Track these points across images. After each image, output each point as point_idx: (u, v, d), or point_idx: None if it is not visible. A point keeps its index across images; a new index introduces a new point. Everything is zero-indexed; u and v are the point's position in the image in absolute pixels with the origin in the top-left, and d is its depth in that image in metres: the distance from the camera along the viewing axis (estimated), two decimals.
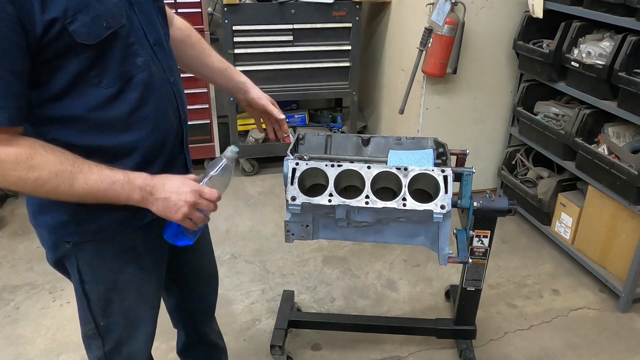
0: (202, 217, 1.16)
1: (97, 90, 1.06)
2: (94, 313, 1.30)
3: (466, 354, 2.10)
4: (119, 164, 1.11)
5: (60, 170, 1.00)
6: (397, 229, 1.68)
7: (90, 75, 1.04)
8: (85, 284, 1.24)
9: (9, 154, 0.97)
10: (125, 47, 1.07)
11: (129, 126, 1.12)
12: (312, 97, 3.65)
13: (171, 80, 1.21)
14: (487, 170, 3.30)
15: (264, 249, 2.89)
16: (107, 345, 1.34)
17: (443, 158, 1.76)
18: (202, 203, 1.14)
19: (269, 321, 2.37)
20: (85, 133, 1.08)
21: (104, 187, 1.04)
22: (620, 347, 2.28)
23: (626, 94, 2.27)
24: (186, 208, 1.11)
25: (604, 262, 2.60)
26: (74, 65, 1.01)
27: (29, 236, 2.98)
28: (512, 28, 2.92)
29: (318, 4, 3.26)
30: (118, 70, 1.07)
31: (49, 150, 1.01)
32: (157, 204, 1.11)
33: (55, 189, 1.01)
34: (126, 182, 1.07)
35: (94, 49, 1.02)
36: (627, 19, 2.27)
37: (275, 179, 3.55)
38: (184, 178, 1.14)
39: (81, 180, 1.02)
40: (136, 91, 1.11)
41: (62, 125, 1.06)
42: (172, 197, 1.10)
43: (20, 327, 2.34)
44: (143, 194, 1.09)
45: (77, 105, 1.05)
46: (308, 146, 1.83)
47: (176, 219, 1.13)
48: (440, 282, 2.65)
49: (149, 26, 1.15)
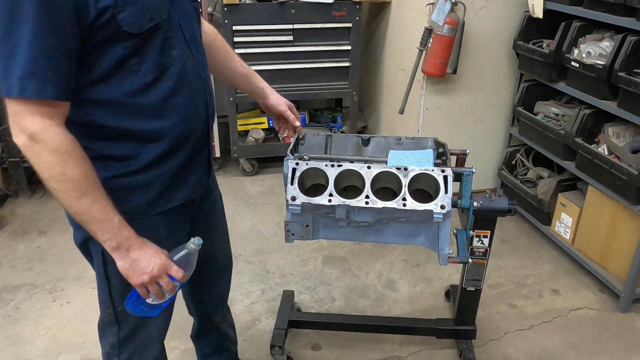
0: (157, 291, 1.20)
1: (135, 77, 1.14)
2: (113, 298, 1.34)
3: (466, 354, 2.10)
4: (148, 148, 1.20)
5: (82, 179, 1.08)
6: (397, 229, 1.68)
7: (131, 63, 1.12)
8: (108, 266, 1.28)
9: (54, 138, 1.05)
10: (163, 39, 1.16)
11: (160, 114, 1.20)
12: (312, 97, 3.65)
13: (202, 76, 1.28)
14: (487, 170, 3.30)
15: (264, 249, 2.89)
16: (122, 331, 1.39)
17: (443, 158, 1.76)
18: (164, 280, 1.19)
19: (269, 321, 2.37)
20: (121, 117, 1.16)
21: (98, 219, 1.11)
22: (620, 347, 2.28)
23: (626, 94, 2.27)
24: (147, 277, 1.17)
25: (604, 262, 2.60)
26: (118, 52, 1.10)
27: (29, 236, 2.98)
28: (512, 28, 2.92)
29: (318, 4, 3.26)
30: (156, 60, 1.15)
31: (84, 158, 1.09)
32: (126, 259, 1.16)
33: (66, 190, 1.08)
34: (117, 227, 1.13)
35: (136, 38, 1.10)
36: (627, 19, 2.27)
37: (275, 179, 3.56)
38: (159, 251, 1.20)
39: (89, 200, 1.09)
40: (170, 81, 1.19)
41: (99, 108, 1.14)
42: (142, 262, 1.16)
43: (20, 327, 2.34)
44: (121, 245, 1.15)
45: (116, 89, 1.13)
46: (308, 146, 1.83)
47: (134, 282, 1.18)
48: (440, 282, 2.65)
49: (185, 23, 1.23)
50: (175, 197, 1.29)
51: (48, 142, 1.04)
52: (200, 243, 1.23)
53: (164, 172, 1.25)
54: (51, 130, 1.05)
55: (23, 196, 3.36)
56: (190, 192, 1.35)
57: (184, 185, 1.32)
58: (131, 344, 1.41)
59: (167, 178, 1.27)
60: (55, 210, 3.24)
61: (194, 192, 1.36)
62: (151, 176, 1.24)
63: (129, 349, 1.42)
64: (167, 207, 1.30)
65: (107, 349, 1.43)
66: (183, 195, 1.32)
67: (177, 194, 1.31)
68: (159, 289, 1.21)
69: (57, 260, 2.77)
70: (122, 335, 1.39)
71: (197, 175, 1.35)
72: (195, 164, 1.33)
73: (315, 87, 3.52)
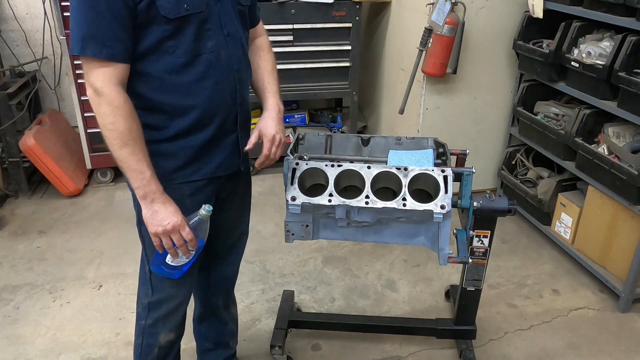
0: (169, 246, 1.39)
1: (170, 57, 1.34)
2: (148, 257, 1.54)
3: (466, 354, 2.10)
4: (175, 122, 1.39)
5: (125, 132, 1.28)
6: (397, 229, 1.68)
7: (168, 45, 1.32)
8: (142, 225, 1.45)
9: (110, 94, 1.27)
10: (200, 29, 1.34)
11: (189, 93, 1.38)
12: (312, 97, 3.65)
13: (235, 68, 1.44)
14: (487, 170, 3.30)
15: (264, 249, 2.89)
16: (154, 296, 1.60)
17: (443, 158, 1.76)
18: (175, 236, 1.37)
19: (269, 321, 2.37)
20: (156, 89, 1.36)
21: (133, 168, 1.32)
22: (620, 347, 2.28)
23: (626, 94, 2.27)
24: (161, 229, 1.36)
25: (604, 262, 2.60)
26: (157, 33, 1.30)
27: (29, 236, 2.98)
28: (512, 28, 2.92)
29: (318, 4, 3.26)
30: (190, 46, 1.34)
31: (132, 117, 1.30)
32: (148, 209, 1.36)
33: (112, 138, 1.29)
34: (147, 179, 1.33)
35: (172, 23, 1.30)
36: (627, 19, 2.27)
37: (275, 179, 3.56)
38: (178, 212, 1.38)
39: (128, 150, 1.30)
40: (201, 66, 1.37)
41: (140, 79, 1.35)
42: (160, 215, 1.35)
43: (20, 327, 2.34)
44: (147, 195, 1.34)
45: (155, 66, 1.34)
46: (308, 146, 1.83)
47: (150, 230, 1.38)
48: (440, 282, 2.65)
49: (226, 20, 1.41)
50: (200, 172, 1.47)
51: (106, 96, 1.26)
52: (211, 210, 1.39)
53: (187, 146, 1.42)
54: (109, 87, 1.26)
55: (23, 196, 3.36)
56: (215, 170, 1.50)
57: (209, 162, 1.48)
58: (157, 311, 1.61)
59: (191, 151, 1.43)
60: (55, 210, 3.24)
61: (218, 170, 1.51)
62: (177, 146, 1.42)
63: (154, 314, 1.62)
64: (192, 178, 1.46)
65: (139, 310, 1.66)
66: (208, 172, 1.48)
67: (202, 169, 1.47)
68: (171, 244, 1.38)
69: (57, 260, 2.77)
70: (152, 300, 1.60)
71: (222, 155, 1.50)
72: (221, 146, 1.49)
73: (315, 87, 3.52)
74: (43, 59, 3.58)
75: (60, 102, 3.77)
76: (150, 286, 1.59)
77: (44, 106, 3.73)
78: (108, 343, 2.26)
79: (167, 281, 1.56)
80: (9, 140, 3.21)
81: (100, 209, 3.27)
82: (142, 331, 1.66)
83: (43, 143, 3.21)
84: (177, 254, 1.42)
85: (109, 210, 3.24)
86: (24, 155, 3.24)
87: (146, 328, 1.64)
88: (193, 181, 1.47)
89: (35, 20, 3.55)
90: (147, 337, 1.66)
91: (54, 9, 3.07)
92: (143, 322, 1.64)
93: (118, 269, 2.69)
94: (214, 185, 1.53)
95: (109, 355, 2.20)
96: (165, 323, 1.64)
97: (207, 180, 1.49)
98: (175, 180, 1.45)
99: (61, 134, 3.50)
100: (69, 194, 3.34)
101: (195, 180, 1.48)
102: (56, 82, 3.71)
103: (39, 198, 3.37)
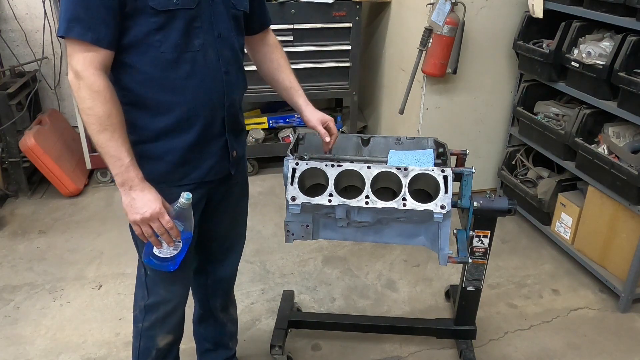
0: (150, 234, 1.37)
1: (157, 52, 1.32)
2: (139, 249, 1.52)
3: (466, 354, 2.10)
4: (157, 120, 1.38)
5: (104, 117, 1.27)
6: (397, 229, 1.68)
7: (155, 39, 1.31)
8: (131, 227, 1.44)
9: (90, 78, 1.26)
10: (188, 27, 1.33)
11: (173, 89, 1.37)
12: (312, 97, 3.59)
13: (223, 70, 1.43)
14: (487, 170, 3.30)
15: (264, 249, 2.89)
16: (150, 299, 1.59)
17: (443, 158, 1.76)
18: (155, 224, 1.35)
19: (269, 321, 2.37)
20: (140, 83, 1.35)
21: (111, 154, 1.30)
22: (620, 347, 2.28)
23: (626, 94, 2.27)
24: (139, 217, 1.34)
25: (604, 262, 2.60)
26: (144, 25, 1.29)
27: (29, 236, 2.98)
28: (512, 28, 2.92)
29: (318, 4, 3.26)
30: (177, 42, 1.33)
31: (112, 102, 1.29)
32: (127, 196, 1.34)
33: (90, 123, 1.28)
34: (126, 166, 1.31)
35: (160, 16, 1.29)
36: (627, 19, 2.27)
37: (275, 179, 3.55)
38: (158, 199, 1.36)
39: (107, 136, 1.28)
40: (187, 64, 1.36)
41: (125, 71, 1.34)
42: (138, 202, 1.34)
43: (20, 327, 2.34)
44: (125, 182, 1.33)
45: (140, 59, 1.33)
46: (308, 146, 1.83)
47: (129, 218, 1.36)
48: (440, 282, 2.65)
49: (218, 21, 1.40)
50: (189, 176, 1.46)
51: (85, 80, 1.26)
52: (190, 198, 1.37)
53: (172, 148, 1.41)
54: (89, 71, 1.26)
55: (23, 196, 3.36)
56: (204, 175, 1.49)
57: (198, 167, 1.47)
58: (154, 314, 1.61)
59: (177, 155, 1.42)
60: (55, 210, 3.24)
61: (208, 175, 1.50)
62: (161, 149, 1.41)
63: (151, 317, 1.61)
64: (182, 182, 1.46)
65: (136, 313, 1.65)
66: (197, 177, 1.48)
67: (190, 174, 1.47)
68: (151, 232, 1.36)
69: (57, 260, 2.77)
70: (148, 303, 1.60)
71: (212, 160, 1.49)
72: (210, 150, 1.48)
73: (315, 87, 3.52)
74: (43, 59, 3.58)
75: (60, 102, 3.77)
76: (145, 288, 1.59)
77: (44, 106, 3.73)
78: (108, 343, 2.26)
79: (161, 284, 1.56)
80: (9, 140, 3.21)
81: (100, 209, 3.27)
82: (140, 334, 1.65)
83: (43, 143, 3.21)
84: (159, 243, 1.40)
85: (109, 210, 3.24)
86: (24, 155, 3.24)
87: (143, 331, 1.64)
88: (182, 185, 1.45)
89: (35, 20, 3.56)
90: (145, 340, 1.66)
91: (54, 9, 3.07)
92: (140, 325, 1.64)
93: (118, 269, 2.69)
94: (203, 189, 1.52)
95: (109, 355, 2.20)
96: (163, 325, 1.64)
97: (196, 185, 1.49)
98: (165, 185, 1.43)
99: (61, 134, 3.51)
100: (69, 194, 3.34)
101: (185, 185, 1.46)
102: (56, 82, 3.71)
103: (39, 198, 3.37)
